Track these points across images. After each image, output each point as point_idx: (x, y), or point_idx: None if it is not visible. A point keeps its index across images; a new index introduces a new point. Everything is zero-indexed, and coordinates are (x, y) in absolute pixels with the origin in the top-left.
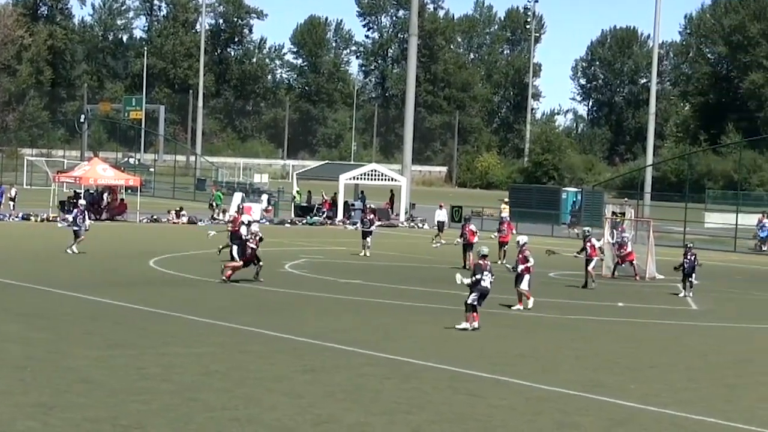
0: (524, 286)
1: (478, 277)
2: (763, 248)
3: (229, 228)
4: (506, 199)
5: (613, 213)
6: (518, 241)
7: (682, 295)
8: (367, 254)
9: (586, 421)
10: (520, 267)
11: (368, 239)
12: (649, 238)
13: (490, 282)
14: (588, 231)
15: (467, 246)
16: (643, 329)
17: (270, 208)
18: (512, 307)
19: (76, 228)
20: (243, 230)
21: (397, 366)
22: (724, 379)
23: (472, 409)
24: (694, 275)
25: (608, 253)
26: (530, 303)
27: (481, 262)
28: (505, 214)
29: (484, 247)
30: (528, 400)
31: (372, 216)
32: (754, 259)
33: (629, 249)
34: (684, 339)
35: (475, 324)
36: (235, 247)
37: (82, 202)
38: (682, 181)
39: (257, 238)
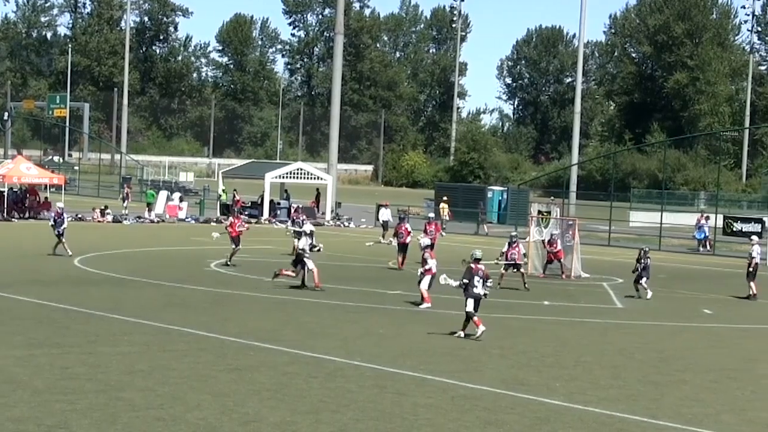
0: (424, 285)
1: (466, 281)
2: (701, 249)
3: (229, 231)
4: (445, 198)
5: (539, 212)
6: (420, 243)
7: (641, 296)
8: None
9: (511, 419)
10: (420, 269)
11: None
12: (574, 237)
13: (485, 288)
14: (515, 236)
15: (402, 246)
16: (569, 327)
17: (182, 206)
18: (420, 306)
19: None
20: (303, 242)
21: (322, 365)
22: (649, 376)
23: (398, 408)
24: (644, 279)
25: (535, 252)
26: (425, 305)
27: (473, 265)
28: (445, 213)
29: (477, 250)
30: (453, 398)
31: (304, 217)
32: (678, 258)
33: (559, 246)
34: (609, 337)
35: (482, 328)
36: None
37: (60, 205)
38: (607, 180)
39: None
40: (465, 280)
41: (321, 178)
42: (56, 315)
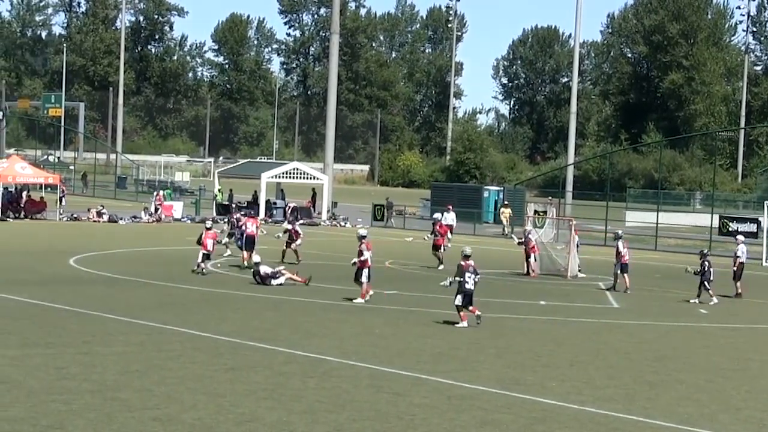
0: (363, 279)
1: (459, 279)
2: None
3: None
4: (506, 202)
5: (536, 212)
6: (358, 234)
7: (693, 301)
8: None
9: (507, 419)
10: (358, 259)
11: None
12: (571, 237)
13: (474, 282)
14: (619, 233)
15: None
16: (564, 327)
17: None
18: (353, 300)
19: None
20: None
21: (318, 364)
22: (644, 376)
23: (394, 408)
24: (707, 283)
25: (545, 253)
26: (367, 297)
27: (462, 263)
28: (504, 219)
29: (467, 247)
30: (449, 398)
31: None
32: (674, 258)
33: (532, 243)
34: (604, 336)
35: (464, 323)
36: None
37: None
38: (603, 180)
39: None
40: (458, 279)
41: (317, 178)
42: (51, 315)
